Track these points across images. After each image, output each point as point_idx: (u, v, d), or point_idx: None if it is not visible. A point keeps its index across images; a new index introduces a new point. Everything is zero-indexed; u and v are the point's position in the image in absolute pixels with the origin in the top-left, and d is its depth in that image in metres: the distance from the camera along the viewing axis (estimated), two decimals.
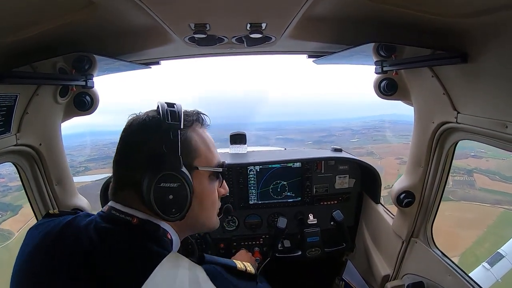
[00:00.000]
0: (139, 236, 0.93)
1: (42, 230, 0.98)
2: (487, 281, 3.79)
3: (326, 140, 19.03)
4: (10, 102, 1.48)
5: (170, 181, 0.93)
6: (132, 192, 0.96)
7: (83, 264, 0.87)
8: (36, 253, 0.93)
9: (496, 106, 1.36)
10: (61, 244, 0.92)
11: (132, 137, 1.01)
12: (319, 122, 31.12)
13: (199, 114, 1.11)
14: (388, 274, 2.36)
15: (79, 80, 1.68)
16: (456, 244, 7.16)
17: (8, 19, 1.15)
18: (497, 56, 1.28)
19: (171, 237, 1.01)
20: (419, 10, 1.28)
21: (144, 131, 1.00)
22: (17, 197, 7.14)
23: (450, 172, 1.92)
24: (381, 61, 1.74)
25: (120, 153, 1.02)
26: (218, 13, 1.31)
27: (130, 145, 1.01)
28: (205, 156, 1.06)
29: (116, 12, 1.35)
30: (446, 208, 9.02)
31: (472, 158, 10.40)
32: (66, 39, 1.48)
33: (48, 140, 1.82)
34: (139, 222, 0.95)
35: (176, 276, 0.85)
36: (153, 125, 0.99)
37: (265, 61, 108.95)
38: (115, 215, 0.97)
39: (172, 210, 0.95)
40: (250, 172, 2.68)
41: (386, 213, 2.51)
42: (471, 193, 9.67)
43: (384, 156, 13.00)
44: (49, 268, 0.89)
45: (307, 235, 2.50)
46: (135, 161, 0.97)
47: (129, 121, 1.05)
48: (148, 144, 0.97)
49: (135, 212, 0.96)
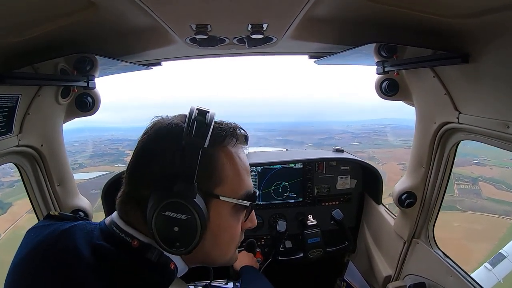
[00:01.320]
0: (137, 261, 0.81)
1: (38, 234, 0.87)
2: (489, 282, 3.79)
3: (327, 142, 19.00)
4: (11, 103, 1.49)
5: (177, 211, 0.78)
6: (135, 210, 0.85)
7: (72, 281, 0.77)
8: (28, 260, 0.83)
9: (497, 106, 1.36)
10: (53, 255, 0.81)
11: (149, 145, 0.86)
12: (318, 123, 31.13)
13: (236, 128, 0.92)
14: (389, 274, 2.35)
15: (80, 81, 1.68)
16: (468, 258, 6.74)
17: (10, 20, 1.15)
18: (498, 56, 1.27)
19: (175, 266, 0.87)
20: (420, 11, 1.28)
21: (162, 141, 0.84)
22: (8, 194, 6.84)
23: (455, 180, 1.92)
24: (383, 61, 1.74)
25: (134, 161, 0.88)
26: (220, 14, 1.31)
27: (144, 154, 0.86)
28: (231, 183, 0.87)
29: (117, 13, 1.36)
30: (454, 218, 8.78)
31: (475, 165, 10.27)
32: (68, 40, 1.48)
33: (50, 141, 1.82)
34: (139, 245, 0.82)
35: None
36: (173, 135, 0.82)
37: (266, 62, 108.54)
38: (115, 233, 0.84)
39: (176, 244, 0.80)
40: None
41: (388, 214, 2.51)
42: (478, 203, 9.46)
43: (386, 161, 12.91)
44: (37, 277, 0.79)
45: (308, 237, 2.50)
46: (144, 175, 0.84)
47: (151, 124, 0.90)
48: (162, 158, 0.82)
49: (137, 234, 0.84)
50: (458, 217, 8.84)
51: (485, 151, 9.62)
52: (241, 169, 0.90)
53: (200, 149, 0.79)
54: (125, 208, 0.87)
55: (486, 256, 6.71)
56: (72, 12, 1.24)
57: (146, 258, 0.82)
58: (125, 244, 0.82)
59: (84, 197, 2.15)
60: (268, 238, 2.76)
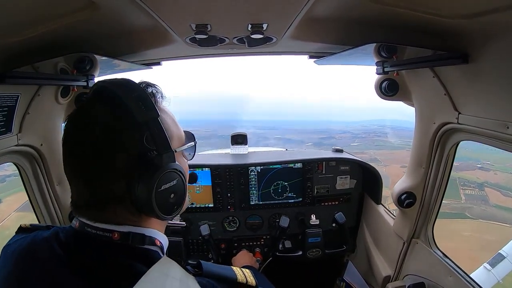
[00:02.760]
0: (121, 254, 0.79)
1: (14, 249, 0.84)
2: (488, 282, 3.80)
3: (326, 142, 18.97)
4: (11, 102, 1.49)
5: (169, 181, 0.81)
6: (117, 208, 0.81)
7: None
8: (8, 278, 0.81)
9: (497, 107, 1.36)
10: (30, 267, 0.79)
11: (99, 138, 0.78)
12: (317, 123, 31.07)
13: (152, 86, 0.92)
14: (389, 274, 2.35)
15: (80, 80, 1.68)
16: None
17: (10, 20, 1.15)
18: (498, 57, 1.28)
19: (160, 243, 0.88)
20: (420, 11, 1.28)
21: (115, 128, 0.78)
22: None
23: (461, 185, 1.92)
24: (382, 61, 1.74)
25: (87, 162, 0.79)
26: (219, 13, 1.31)
27: (100, 149, 0.78)
28: (177, 135, 0.93)
29: (117, 12, 1.36)
30: (464, 227, 8.56)
31: (479, 170, 10.09)
32: (68, 40, 1.48)
33: (49, 140, 1.82)
34: (120, 237, 0.80)
35: (164, 287, 0.74)
36: (123, 118, 0.78)
37: (267, 61, 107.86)
38: (90, 233, 0.80)
39: (174, 208, 0.85)
40: (251, 172, 2.68)
41: (387, 214, 2.51)
42: (487, 210, 9.21)
43: (388, 163, 12.79)
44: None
45: (309, 236, 2.50)
46: (116, 169, 0.77)
47: (78, 116, 0.83)
48: (126, 144, 0.78)
49: (116, 227, 0.80)
50: (468, 225, 8.61)
51: (487, 154, 9.44)
52: (175, 119, 0.96)
53: (157, 118, 0.80)
54: (101, 214, 0.81)
55: None
56: (72, 11, 1.24)
57: (129, 247, 0.81)
58: (104, 242, 0.80)
59: None
60: (267, 238, 2.76)
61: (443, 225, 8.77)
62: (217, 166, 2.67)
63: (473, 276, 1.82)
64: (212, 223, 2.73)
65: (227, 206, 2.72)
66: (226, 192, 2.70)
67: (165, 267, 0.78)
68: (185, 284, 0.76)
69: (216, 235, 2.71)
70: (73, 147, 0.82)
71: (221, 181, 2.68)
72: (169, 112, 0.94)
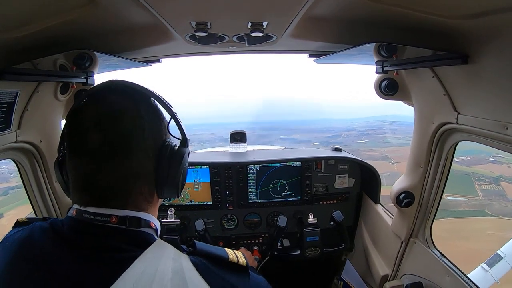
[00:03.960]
0: (117, 237, 0.84)
1: (13, 241, 0.88)
2: (485, 282, 3.80)
3: (333, 141, 18.84)
4: (10, 98, 1.48)
5: (185, 163, 0.97)
6: (138, 190, 0.89)
7: (54, 278, 0.78)
8: (8, 270, 0.83)
9: (496, 107, 1.36)
10: (29, 257, 0.83)
11: (132, 127, 0.88)
12: (320, 121, 30.88)
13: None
14: (387, 274, 2.36)
15: (79, 77, 1.68)
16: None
17: (9, 16, 1.14)
18: (497, 57, 1.28)
19: (155, 225, 0.94)
20: (420, 11, 1.28)
21: (146, 120, 0.90)
22: (1, 203, 6.12)
23: (476, 181, 1.91)
24: (382, 61, 1.74)
25: (117, 149, 0.86)
26: (219, 11, 1.31)
27: (134, 132, 0.88)
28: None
29: (117, 9, 1.35)
30: (486, 226, 8.28)
31: (492, 163, 9.84)
32: (67, 36, 1.48)
33: (48, 137, 1.82)
34: (118, 220, 0.85)
35: (158, 266, 0.78)
36: (154, 109, 0.96)
37: (267, 60, 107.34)
38: (87, 219, 0.84)
39: (182, 189, 1.00)
40: (249, 171, 2.68)
41: (386, 213, 2.51)
42: (508, 206, 8.91)
43: (399, 161, 12.60)
44: (19, 280, 0.80)
45: (307, 235, 2.51)
46: (145, 151, 0.89)
47: (112, 111, 0.89)
48: (154, 129, 0.93)
49: (116, 211, 0.86)
50: (489, 223, 8.38)
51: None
52: None
53: (175, 114, 0.98)
54: (122, 199, 0.87)
55: None
56: (72, 8, 1.24)
57: (126, 231, 0.86)
58: (102, 226, 0.84)
59: None
60: (266, 236, 2.77)
61: (464, 224, 8.57)
62: (216, 164, 2.67)
63: (470, 276, 1.82)
64: (211, 220, 2.73)
65: (226, 204, 2.72)
66: (225, 190, 2.70)
67: (160, 248, 0.83)
68: (178, 262, 0.81)
69: (214, 233, 2.71)
70: (101, 134, 0.86)
71: (220, 179, 2.68)
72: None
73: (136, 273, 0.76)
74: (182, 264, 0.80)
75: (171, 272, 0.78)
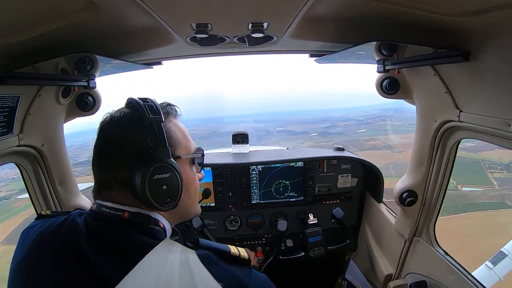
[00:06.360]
0: (130, 229, 0.95)
1: (36, 231, 0.99)
2: (489, 280, 3.78)
3: (332, 131, 18.43)
4: (12, 103, 1.49)
5: (162, 173, 0.97)
6: (121, 190, 0.98)
7: (75, 260, 0.88)
8: (31, 254, 0.95)
9: (498, 105, 1.36)
10: (54, 242, 0.93)
11: (114, 135, 1.01)
12: (318, 112, 30.33)
13: (171, 105, 1.14)
14: (390, 273, 2.35)
15: (81, 80, 1.69)
16: None
17: (10, 21, 1.15)
18: (499, 55, 1.27)
19: (163, 225, 1.03)
20: (421, 9, 1.28)
21: (126, 128, 1.00)
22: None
23: (487, 169, 1.89)
24: (383, 59, 1.74)
25: (102, 154, 1.02)
26: (220, 13, 1.31)
27: (113, 144, 1.00)
28: (184, 144, 1.10)
29: (118, 12, 1.36)
30: (509, 220, 7.69)
31: (498, 149, 9.01)
32: (68, 40, 1.49)
33: (51, 140, 1.82)
34: (130, 216, 0.97)
35: (167, 259, 0.88)
36: (134, 121, 1.00)
37: (267, 58, 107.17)
38: (105, 212, 0.97)
39: (166, 200, 0.99)
40: (252, 171, 2.68)
41: (389, 212, 2.51)
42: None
43: (403, 149, 12.06)
44: (43, 266, 0.90)
45: (308, 236, 2.50)
46: (122, 159, 0.97)
47: (105, 120, 1.05)
48: (133, 141, 0.98)
49: (126, 207, 0.97)
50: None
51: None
52: (186, 133, 1.14)
53: (160, 122, 1.00)
54: (109, 193, 0.99)
55: None
56: (73, 11, 1.24)
57: (137, 224, 0.97)
58: (116, 219, 0.96)
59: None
60: (269, 237, 2.76)
61: (488, 217, 8.25)
62: (219, 165, 2.67)
63: (474, 274, 1.82)
64: (214, 222, 2.73)
65: (229, 205, 2.72)
66: (228, 191, 2.70)
67: (169, 244, 0.94)
68: (185, 255, 0.90)
69: (217, 234, 2.71)
70: (97, 142, 1.03)
71: (223, 180, 2.68)
72: (181, 126, 1.14)
73: (148, 262, 0.86)
74: (188, 257, 0.89)
75: (179, 262, 0.87)
